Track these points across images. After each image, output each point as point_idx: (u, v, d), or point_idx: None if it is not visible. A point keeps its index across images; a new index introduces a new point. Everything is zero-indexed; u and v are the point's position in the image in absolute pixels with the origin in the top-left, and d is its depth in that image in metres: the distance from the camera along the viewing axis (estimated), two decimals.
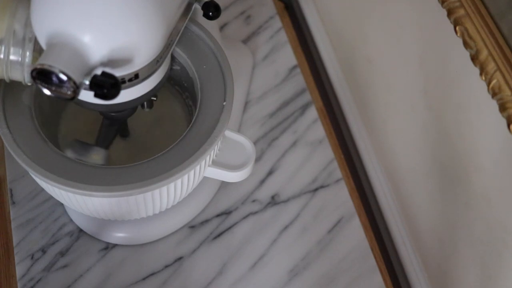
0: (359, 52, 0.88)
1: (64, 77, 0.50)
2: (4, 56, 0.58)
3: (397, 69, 0.78)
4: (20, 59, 0.58)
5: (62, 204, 0.80)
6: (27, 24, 0.57)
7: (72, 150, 0.67)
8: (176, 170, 0.61)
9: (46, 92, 0.52)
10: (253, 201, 0.82)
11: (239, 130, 0.86)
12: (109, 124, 0.68)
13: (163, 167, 0.62)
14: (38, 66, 0.50)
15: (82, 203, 0.64)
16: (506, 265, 0.63)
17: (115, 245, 0.78)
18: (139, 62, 0.55)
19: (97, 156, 0.67)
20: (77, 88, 0.51)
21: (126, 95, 0.59)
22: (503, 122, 0.53)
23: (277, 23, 0.96)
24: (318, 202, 0.82)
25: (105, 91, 0.51)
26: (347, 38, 0.91)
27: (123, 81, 0.57)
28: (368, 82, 0.87)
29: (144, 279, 0.77)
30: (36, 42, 0.57)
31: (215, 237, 0.80)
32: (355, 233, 0.81)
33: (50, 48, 0.52)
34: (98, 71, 0.52)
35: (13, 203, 0.81)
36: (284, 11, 1.01)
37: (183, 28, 0.61)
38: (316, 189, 0.83)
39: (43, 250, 0.78)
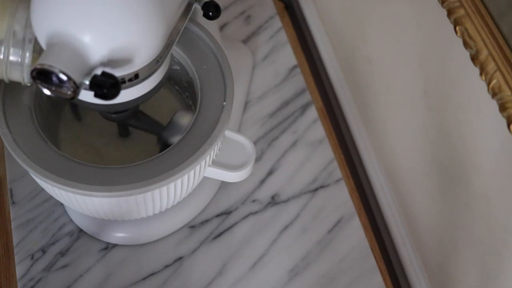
0: (359, 52, 0.88)
1: (64, 77, 0.50)
2: (4, 56, 0.58)
3: (397, 69, 0.78)
4: (20, 59, 0.58)
5: (62, 204, 0.80)
6: (27, 24, 0.57)
7: (175, 135, 0.67)
8: (176, 170, 0.61)
9: (46, 92, 0.51)
10: (253, 201, 0.82)
11: (239, 130, 0.86)
12: (136, 121, 0.68)
13: (163, 167, 0.62)
14: (38, 66, 0.50)
15: (82, 203, 0.64)
16: (506, 265, 0.63)
17: (115, 245, 0.78)
18: (139, 62, 0.55)
19: (184, 118, 0.67)
20: (77, 88, 0.51)
21: (126, 95, 0.59)
22: (503, 122, 0.53)
23: (277, 23, 0.96)
24: (318, 202, 0.82)
25: (105, 91, 0.51)
26: (347, 38, 0.91)
27: (123, 81, 0.56)
28: (368, 82, 0.87)
29: (144, 279, 0.77)
30: (36, 43, 0.57)
31: (215, 237, 0.80)
32: (355, 233, 0.80)
33: (50, 48, 0.51)
34: (98, 71, 0.52)
35: (13, 203, 0.81)
36: (284, 11, 1.01)
37: (183, 28, 0.61)
38: (316, 189, 0.83)
39: (43, 250, 0.78)
